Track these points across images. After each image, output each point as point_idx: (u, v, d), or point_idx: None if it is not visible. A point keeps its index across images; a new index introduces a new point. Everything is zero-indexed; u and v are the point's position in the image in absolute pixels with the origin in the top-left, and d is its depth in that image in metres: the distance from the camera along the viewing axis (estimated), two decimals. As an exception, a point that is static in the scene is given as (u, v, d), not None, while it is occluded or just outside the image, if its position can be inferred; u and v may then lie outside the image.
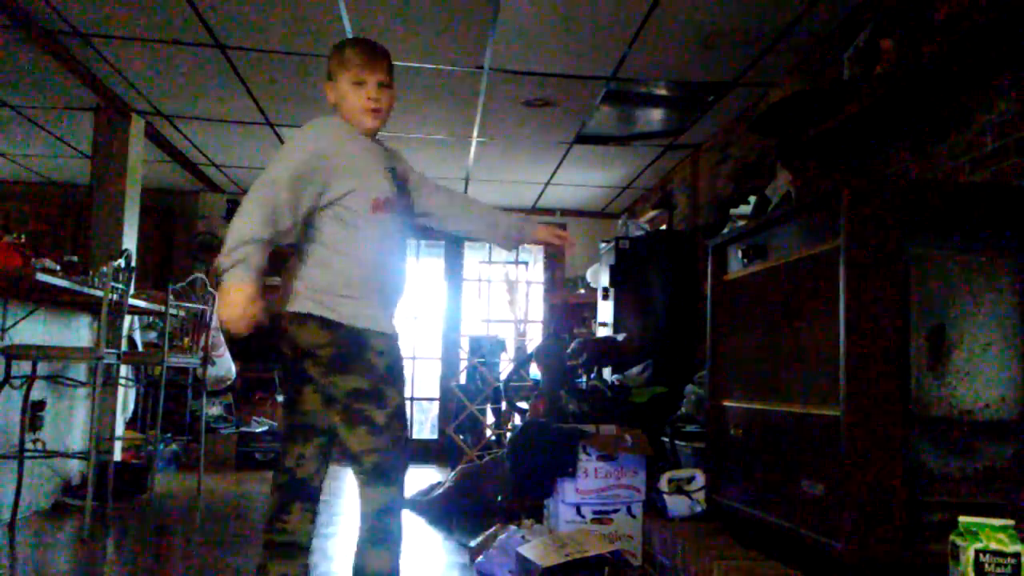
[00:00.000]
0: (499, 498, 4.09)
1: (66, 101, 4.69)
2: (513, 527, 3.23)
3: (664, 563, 2.78)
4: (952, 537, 1.71)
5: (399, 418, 2.02)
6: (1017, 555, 1.64)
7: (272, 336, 2.08)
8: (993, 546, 1.64)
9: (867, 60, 2.80)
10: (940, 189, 2.25)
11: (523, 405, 4.84)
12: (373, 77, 2.07)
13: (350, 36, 3.61)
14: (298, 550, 2.10)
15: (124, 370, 4.64)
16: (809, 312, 2.13)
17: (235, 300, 1.87)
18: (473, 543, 3.30)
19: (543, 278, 7.43)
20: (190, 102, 4.66)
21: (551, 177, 6.11)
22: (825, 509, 1.96)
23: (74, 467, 4.22)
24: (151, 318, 5.11)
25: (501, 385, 5.42)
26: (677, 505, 2.97)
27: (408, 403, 7.27)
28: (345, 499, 4.60)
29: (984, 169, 2.40)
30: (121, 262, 3.60)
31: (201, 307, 4.57)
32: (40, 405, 3.80)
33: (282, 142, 5.35)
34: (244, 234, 1.86)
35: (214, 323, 4.69)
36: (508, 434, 5.31)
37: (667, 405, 3.69)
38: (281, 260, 2.11)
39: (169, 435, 5.21)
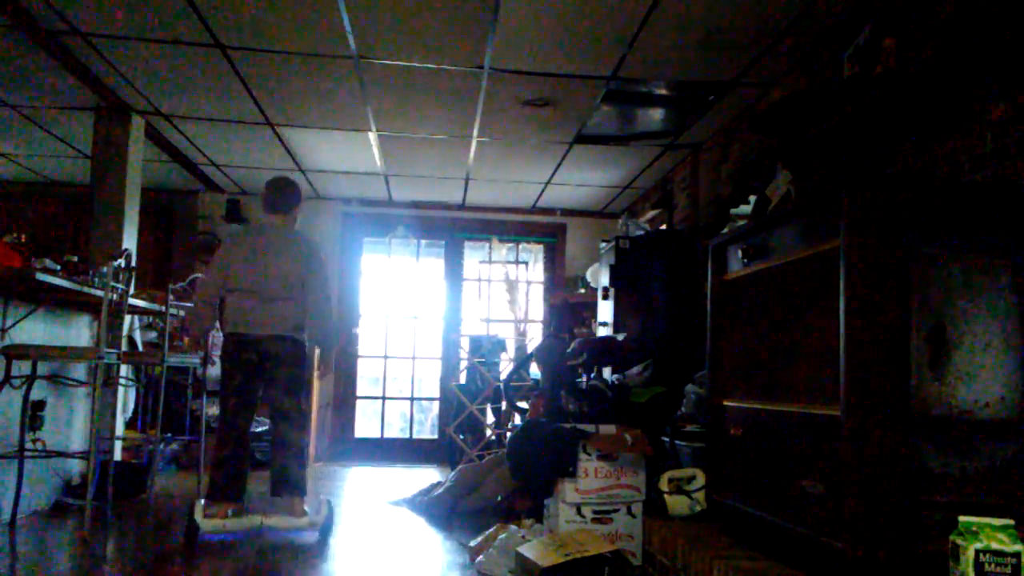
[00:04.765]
0: (499, 498, 4.09)
1: (66, 101, 4.69)
2: (513, 527, 3.24)
3: (664, 563, 2.77)
4: (952, 537, 1.71)
5: None
6: (1017, 555, 1.64)
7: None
8: (993, 546, 1.65)
9: (867, 59, 2.80)
10: (940, 189, 2.25)
11: (523, 405, 4.84)
12: None
13: (350, 36, 3.61)
14: None
15: (124, 370, 4.64)
16: (809, 312, 2.13)
17: None
18: (473, 543, 3.30)
19: (543, 278, 7.42)
20: (190, 102, 4.66)
21: (551, 177, 6.11)
22: (825, 509, 1.96)
23: (74, 467, 4.22)
24: (151, 318, 5.11)
25: (501, 385, 5.43)
26: (677, 505, 2.97)
27: (408, 403, 7.32)
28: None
29: (984, 169, 2.40)
30: (121, 262, 3.60)
31: (201, 307, 4.56)
32: (40, 405, 3.80)
33: (283, 142, 5.35)
34: None
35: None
36: (508, 434, 5.30)
37: (667, 405, 3.68)
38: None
39: (169, 435, 5.20)
